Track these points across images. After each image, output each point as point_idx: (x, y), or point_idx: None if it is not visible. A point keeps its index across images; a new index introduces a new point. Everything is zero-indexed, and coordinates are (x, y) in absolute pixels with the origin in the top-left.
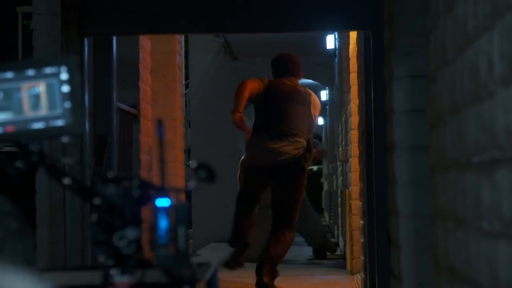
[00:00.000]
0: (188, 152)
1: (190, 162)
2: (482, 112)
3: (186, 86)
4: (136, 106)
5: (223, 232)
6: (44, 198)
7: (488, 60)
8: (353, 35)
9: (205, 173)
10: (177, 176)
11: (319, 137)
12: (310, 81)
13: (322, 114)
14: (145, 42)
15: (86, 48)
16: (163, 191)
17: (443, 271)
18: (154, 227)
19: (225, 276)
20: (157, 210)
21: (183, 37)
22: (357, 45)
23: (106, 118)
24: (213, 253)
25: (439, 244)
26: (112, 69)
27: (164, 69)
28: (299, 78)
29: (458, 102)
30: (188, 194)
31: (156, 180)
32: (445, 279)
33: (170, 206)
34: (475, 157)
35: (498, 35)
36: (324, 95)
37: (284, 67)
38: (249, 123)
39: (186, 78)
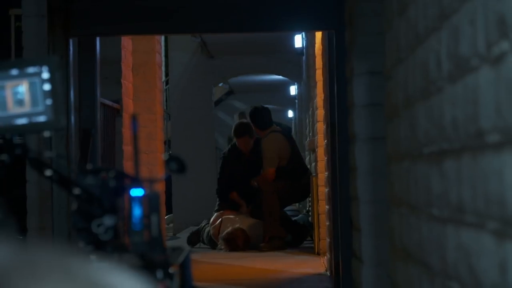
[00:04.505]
0: (168, 143)
1: (163, 154)
2: (432, 106)
3: (167, 83)
4: (118, 101)
5: (200, 217)
6: (34, 187)
7: (437, 58)
8: (318, 34)
9: (176, 164)
10: (157, 166)
11: (289, 128)
12: (280, 77)
13: (292, 107)
14: (127, 42)
15: (71, 48)
16: (137, 182)
17: (398, 252)
18: (129, 215)
19: (202, 257)
20: (131, 199)
21: (162, 37)
22: (322, 44)
23: (90, 113)
24: None
25: (395, 228)
26: (96, 67)
27: (144, 67)
28: None
29: (411, 97)
30: (169, 182)
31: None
32: (400, 260)
33: (144, 196)
34: (426, 148)
35: (445, 35)
36: (293, 90)
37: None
38: None
39: (167, 75)
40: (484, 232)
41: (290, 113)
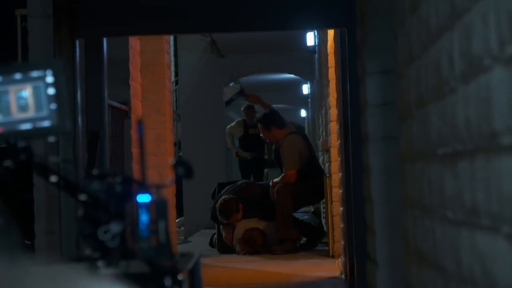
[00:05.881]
0: (178, 144)
1: (171, 159)
2: (445, 106)
3: (176, 83)
4: (127, 103)
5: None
6: (41, 191)
7: (449, 58)
8: (330, 32)
9: (183, 169)
10: (166, 168)
11: (302, 128)
12: (292, 75)
13: (305, 106)
14: (135, 42)
15: (77, 49)
16: (144, 187)
17: (413, 255)
18: (136, 221)
19: (215, 261)
20: (138, 205)
21: (171, 37)
22: (334, 42)
23: (98, 115)
24: (203, 239)
25: (409, 230)
26: (103, 69)
27: (153, 67)
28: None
29: (423, 97)
30: (179, 184)
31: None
32: (414, 262)
33: (151, 202)
34: (439, 149)
35: (457, 34)
36: (306, 88)
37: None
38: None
39: (176, 75)
40: (498, 235)
41: (303, 113)
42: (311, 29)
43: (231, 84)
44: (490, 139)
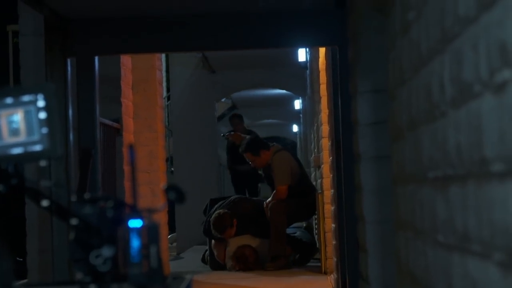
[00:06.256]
0: (170, 160)
1: (162, 185)
2: (436, 130)
3: (168, 98)
4: (118, 120)
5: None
6: (33, 208)
7: (440, 82)
8: (322, 49)
9: (175, 194)
10: (159, 185)
11: (294, 143)
12: (284, 91)
13: (297, 121)
14: (126, 59)
15: (69, 68)
16: (135, 212)
17: (405, 276)
18: (127, 246)
19: (207, 278)
20: (129, 230)
21: (163, 54)
22: (326, 59)
23: (90, 133)
24: (195, 255)
25: (401, 251)
26: (95, 86)
27: (145, 84)
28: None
29: (415, 120)
30: (171, 201)
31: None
32: (407, 284)
33: (142, 226)
34: (430, 172)
35: (448, 59)
36: (297, 104)
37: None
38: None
39: (168, 90)
40: (490, 262)
41: (295, 128)
42: (304, 47)
43: (223, 100)
44: (480, 166)
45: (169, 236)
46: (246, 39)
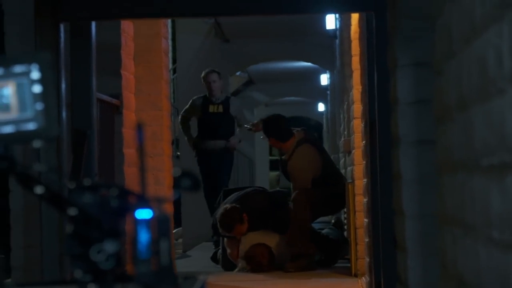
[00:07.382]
0: (176, 143)
1: (173, 170)
2: (491, 110)
3: (174, 71)
4: (118, 96)
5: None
6: (19, 197)
7: (497, 55)
8: (355, 15)
9: (189, 181)
10: (164, 172)
11: (320, 125)
12: (308, 64)
13: (323, 99)
14: (128, 26)
15: (62, 35)
16: (143, 202)
17: (451, 279)
18: (134, 240)
19: (218, 280)
20: (137, 222)
21: (170, 19)
22: (359, 26)
23: (85, 111)
24: (204, 254)
25: (447, 251)
26: (92, 57)
27: (148, 54)
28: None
29: (466, 98)
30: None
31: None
32: None
33: (152, 218)
34: (484, 160)
35: (508, 27)
36: (324, 79)
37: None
38: None
39: (174, 62)
40: None
41: (321, 107)
42: (333, 12)
43: (237, 73)
44: None
45: (174, 231)
46: (266, 2)
